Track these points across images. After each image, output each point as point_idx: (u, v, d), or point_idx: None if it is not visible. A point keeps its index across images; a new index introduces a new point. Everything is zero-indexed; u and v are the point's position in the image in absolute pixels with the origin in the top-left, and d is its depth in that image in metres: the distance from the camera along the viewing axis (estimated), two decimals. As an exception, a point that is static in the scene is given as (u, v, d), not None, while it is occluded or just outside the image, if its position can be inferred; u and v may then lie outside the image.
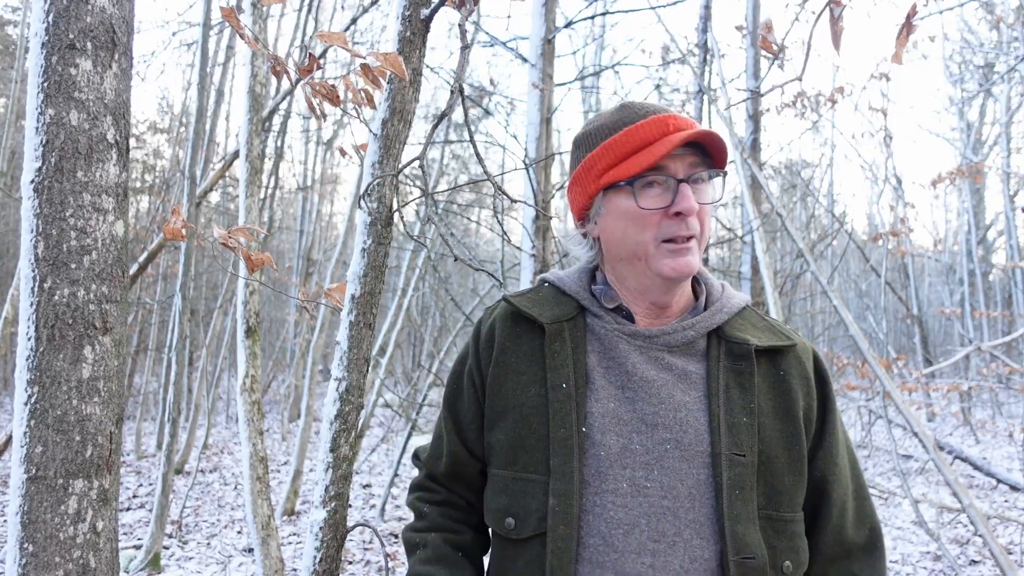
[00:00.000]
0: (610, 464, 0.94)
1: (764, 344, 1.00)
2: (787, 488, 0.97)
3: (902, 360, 6.08)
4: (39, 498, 0.81)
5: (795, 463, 0.98)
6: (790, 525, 0.96)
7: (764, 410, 0.98)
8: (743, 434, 0.95)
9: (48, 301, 0.83)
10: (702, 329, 1.01)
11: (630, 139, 0.99)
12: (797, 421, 0.99)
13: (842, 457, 1.04)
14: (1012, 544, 5.30)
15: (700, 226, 0.99)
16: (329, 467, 0.96)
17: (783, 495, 0.96)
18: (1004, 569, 2.48)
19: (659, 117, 0.99)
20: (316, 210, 11.51)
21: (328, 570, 0.95)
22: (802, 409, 1.00)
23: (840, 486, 1.02)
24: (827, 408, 1.04)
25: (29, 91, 0.85)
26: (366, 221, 1.00)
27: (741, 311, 1.06)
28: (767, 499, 0.95)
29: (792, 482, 0.97)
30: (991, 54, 11.81)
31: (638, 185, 0.98)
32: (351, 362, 1.00)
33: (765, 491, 0.95)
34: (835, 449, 1.03)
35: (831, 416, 1.04)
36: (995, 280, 16.42)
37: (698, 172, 0.98)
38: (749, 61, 4.61)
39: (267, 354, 13.31)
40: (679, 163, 0.97)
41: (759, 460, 0.95)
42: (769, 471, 0.96)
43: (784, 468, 0.97)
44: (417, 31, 0.99)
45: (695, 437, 0.95)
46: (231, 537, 5.74)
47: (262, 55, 2.80)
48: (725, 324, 1.03)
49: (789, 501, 0.97)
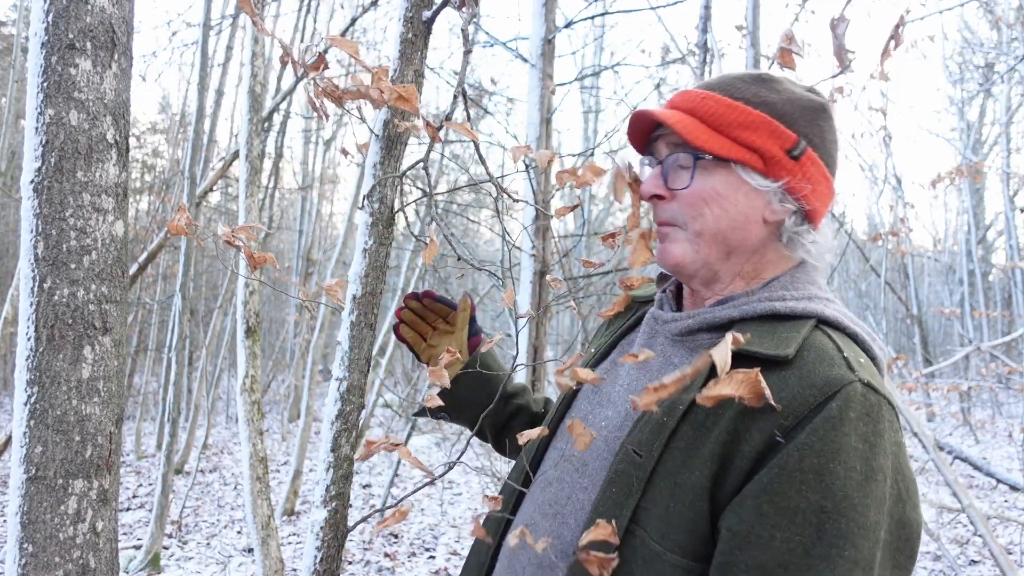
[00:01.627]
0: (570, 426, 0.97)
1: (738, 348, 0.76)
2: (668, 514, 0.77)
3: (902, 360, 6.08)
4: (39, 498, 0.81)
5: (687, 491, 0.77)
6: (657, 561, 0.76)
7: (695, 417, 0.79)
8: (652, 433, 0.81)
9: (48, 301, 0.83)
10: (702, 321, 0.89)
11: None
12: (713, 444, 0.76)
13: (771, 526, 0.70)
14: (1012, 544, 5.30)
15: (683, 212, 0.89)
16: (330, 467, 0.96)
17: (660, 520, 0.77)
18: (1004, 569, 2.48)
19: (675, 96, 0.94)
20: (316, 210, 11.50)
21: (329, 570, 0.95)
22: (731, 432, 0.76)
23: (741, 556, 0.72)
24: (782, 453, 0.72)
25: (29, 91, 0.85)
26: (367, 221, 1.00)
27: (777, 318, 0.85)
28: (647, 516, 0.79)
29: (675, 511, 0.77)
30: (991, 54, 11.81)
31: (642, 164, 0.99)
32: (352, 362, 1.00)
33: (647, 506, 0.79)
34: (756, 506, 0.72)
35: (778, 464, 0.72)
36: (995, 280, 16.42)
37: (673, 153, 0.90)
38: (749, 61, 4.60)
39: (267, 354, 13.31)
40: (662, 144, 0.93)
41: (655, 468, 0.79)
42: (659, 486, 0.79)
43: (673, 490, 0.78)
44: (419, 33, 0.99)
45: (622, 423, 0.89)
46: (231, 537, 5.74)
47: (262, 55, 2.80)
48: (736, 322, 0.87)
49: (664, 531, 0.77)
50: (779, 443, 0.73)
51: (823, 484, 0.70)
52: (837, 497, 0.70)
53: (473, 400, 1.16)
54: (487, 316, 11.29)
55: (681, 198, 0.89)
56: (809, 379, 0.76)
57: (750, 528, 0.72)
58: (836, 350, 0.79)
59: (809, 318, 0.84)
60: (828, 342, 0.81)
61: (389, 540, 5.65)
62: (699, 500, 0.76)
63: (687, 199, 0.89)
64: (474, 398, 1.16)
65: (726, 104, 0.88)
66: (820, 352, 0.79)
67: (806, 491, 0.70)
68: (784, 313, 0.84)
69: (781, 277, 0.91)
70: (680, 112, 0.89)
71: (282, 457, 9.24)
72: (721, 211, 0.88)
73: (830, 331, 0.84)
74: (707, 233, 0.88)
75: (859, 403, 0.73)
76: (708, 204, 0.88)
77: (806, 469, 0.71)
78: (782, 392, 0.75)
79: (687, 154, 0.89)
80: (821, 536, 0.69)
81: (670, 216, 0.91)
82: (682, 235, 0.90)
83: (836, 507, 0.69)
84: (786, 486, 0.71)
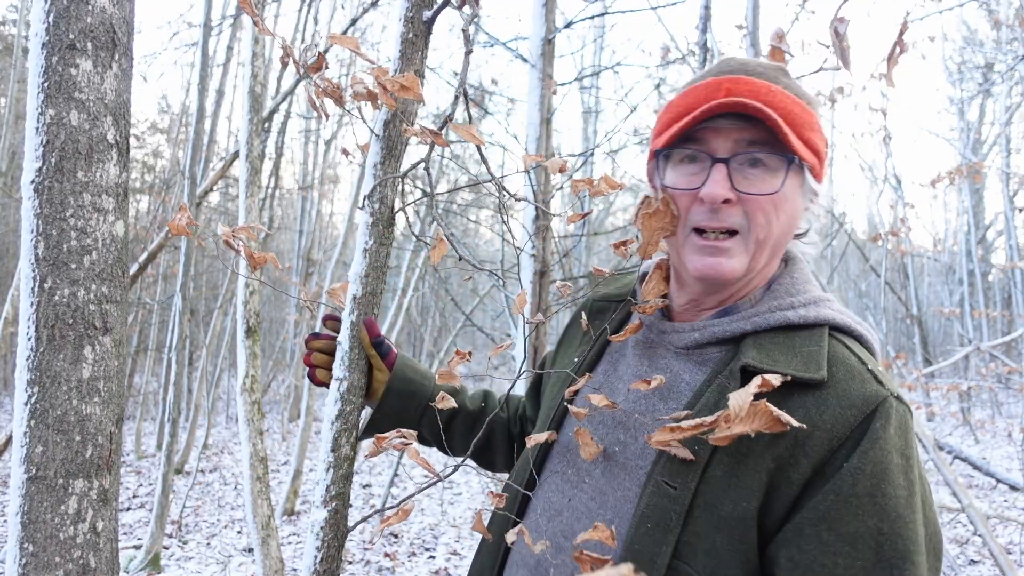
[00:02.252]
0: (572, 447, 0.91)
1: (762, 367, 0.77)
2: (716, 548, 0.74)
3: (902, 359, 6.08)
4: (39, 498, 0.81)
5: (737, 523, 0.74)
6: None
7: (730, 447, 0.75)
8: (684, 464, 0.76)
9: (48, 301, 0.83)
10: (711, 335, 0.85)
11: (682, 101, 0.84)
12: (759, 472, 0.74)
13: (832, 554, 0.70)
14: (1011, 544, 5.30)
15: (750, 221, 0.80)
16: (330, 467, 0.96)
17: (709, 555, 0.74)
18: (1003, 569, 2.48)
19: (715, 80, 0.82)
20: (316, 210, 11.50)
21: (329, 570, 0.95)
22: (777, 460, 0.74)
23: None
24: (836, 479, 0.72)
25: (29, 91, 0.85)
26: (368, 222, 0.99)
27: (791, 328, 0.82)
28: (691, 551, 0.74)
29: (725, 544, 0.74)
30: (991, 54, 11.82)
31: (675, 157, 0.85)
32: (352, 362, 1.00)
33: (690, 540, 0.75)
34: (816, 534, 0.71)
35: (833, 490, 0.71)
36: (994, 280, 16.42)
37: (751, 152, 0.80)
38: (749, 61, 4.59)
39: (267, 354, 13.30)
40: (723, 138, 0.81)
41: (694, 501, 0.75)
42: (702, 519, 0.75)
43: (720, 523, 0.74)
44: (419, 33, 0.99)
45: (642, 450, 0.82)
46: (231, 537, 5.74)
47: (262, 55, 2.80)
48: (749, 336, 0.83)
49: (715, 567, 0.74)
50: (829, 470, 0.73)
51: (877, 507, 0.71)
52: (891, 517, 0.70)
53: (404, 415, 1.10)
54: (487, 316, 11.28)
55: (750, 203, 0.80)
56: (847, 399, 0.75)
57: (813, 557, 0.71)
58: (860, 363, 0.79)
59: (821, 326, 0.83)
60: (850, 355, 0.80)
61: (389, 540, 5.65)
62: (749, 532, 0.74)
63: (759, 204, 0.80)
64: (404, 413, 1.10)
65: (792, 101, 0.81)
66: (847, 368, 0.78)
67: (863, 516, 0.70)
68: (797, 323, 0.82)
69: (782, 279, 0.88)
70: (762, 104, 0.79)
71: (282, 457, 9.25)
72: (787, 218, 0.83)
73: (844, 339, 0.83)
74: (769, 241, 0.82)
75: (896, 419, 0.74)
76: (779, 210, 0.81)
77: (860, 494, 0.71)
78: (824, 414, 0.74)
79: (779, 156, 0.80)
80: (880, 558, 0.70)
81: (735, 223, 0.81)
82: (741, 245, 0.81)
83: (892, 528, 0.70)
84: (844, 512, 0.71)
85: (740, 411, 0.57)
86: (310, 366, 1.08)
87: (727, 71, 0.84)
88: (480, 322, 8.85)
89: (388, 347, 1.06)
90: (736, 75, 0.82)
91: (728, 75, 0.82)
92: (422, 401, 1.11)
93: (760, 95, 0.79)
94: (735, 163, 0.81)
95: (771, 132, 0.79)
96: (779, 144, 0.80)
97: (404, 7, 0.99)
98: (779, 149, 0.80)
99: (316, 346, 1.08)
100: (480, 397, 1.20)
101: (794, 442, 0.74)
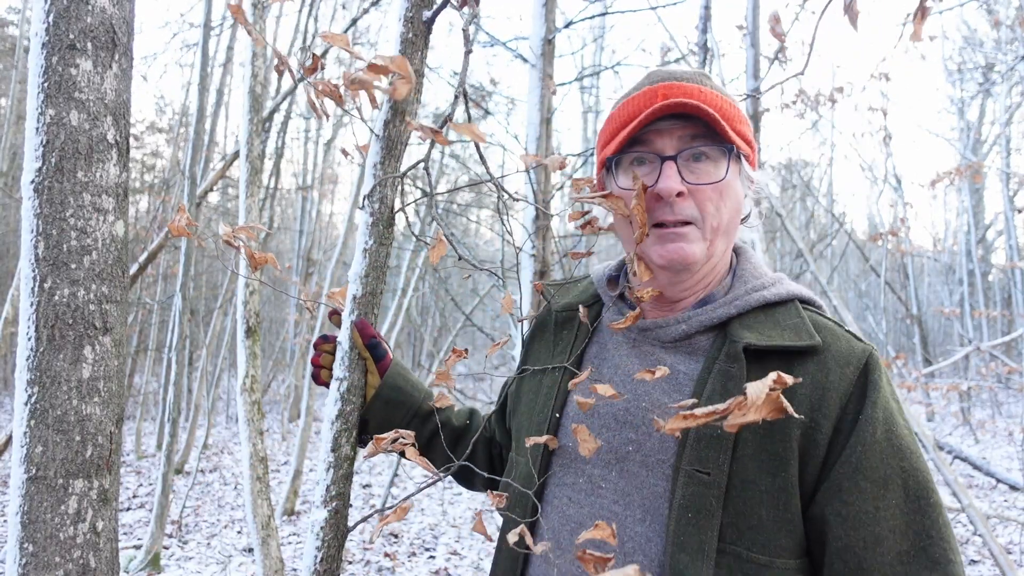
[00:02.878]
0: (575, 457, 0.91)
1: (762, 344, 0.82)
2: (763, 523, 0.77)
3: (902, 359, 6.08)
4: (39, 498, 0.81)
5: (778, 493, 0.78)
6: (764, 571, 0.77)
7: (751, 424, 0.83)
8: (711, 449, 0.79)
9: (48, 301, 0.83)
10: (698, 324, 0.89)
11: (622, 112, 0.91)
12: (788, 441, 0.78)
13: (872, 499, 0.76)
14: (1011, 544, 5.30)
15: (701, 211, 0.87)
16: (330, 467, 0.96)
17: (756, 531, 0.77)
18: (1003, 569, 2.48)
19: (650, 88, 0.89)
20: (316, 210, 11.50)
21: (329, 570, 0.95)
22: (801, 426, 0.79)
23: (857, 535, 0.76)
24: (856, 431, 0.78)
25: (29, 91, 0.85)
26: (368, 222, 0.99)
27: (768, 306, 0.89)
28: (736, 531, 0.78)
29: (771, 516, 0.77)
30: (991, 54, 11.81)
31: (625, 162, 0.91)
32: (352, 362, 1.00)
33: (734, 521, 0.78)
34: (855, 485, 0.77)
35: (859, 442, 0.78)
36: (994, 280, 16.42)
37: (696, 146, 0.87)
38: (749, 61, 4.60)
39: (267, 354, 13.30)
40: (667, 138, 0.88)
41: (730, 483, 0.78)
42: (742, 498, 0.78)
43: (762, 497, 0.78)
44: (419, 33, 0.99)
45: (659, 444, 0.84)
46: (231, 537, 5.74)
47: (262, 55, 2.80)
48: (734, 320, 0.88)
49: (764, 540, 0.77)
50: (845, 424, 0.79)
51: (894, 447, 0.78)
52: (906, 454, 0.78)
53: (388, 425, 1.07)
54: (487, 316, 11.28)
55: (699, 193, 0.87)
56: (843, 358, 0.83)
57: (858, 507, 0.76)
58: (837, 325, 0.88)
59: (791, 300, 0.91)
60: (826, 320, 0.89)
61: (389, 540, 5.65)
62: (792, 499, 0.78)
63: (707, 194, 0.87)
64: (389, 423, 1.08)
65: (721, 98, 0.89)
66: (831, 331, 0.86)
67: (887, 458, 0.78)
68: (773, 301, 0.90)
69: (743, 266, 0.96)
70: (698, 102, 0.86)
71: (282, 457, 9.25)
72: (734, 204, 0.90)
73: (810, 308, 0.92)
74: (721, 227, 0.89)
75: (881, 366, 0.83)
76: (725, 197, 0.88)
77: (880, 439, 0.78)
78: (829, 376, 0.81)
79: (719, 148, 0.88)
80: (908, 494, 0.77)
81: (688, 214, 0.87)
82: (698, 233, 0.88)
83: (910, 464, 0.78)
84: (872, 458, 0.77)
85: (757, 400, 0.59)
86: (317, 366, 1.09)
87: (658, 80, 0.91)
88: (480, 322, 8.85)
89: (384, 350, 1.05)
90: (667, 82, 0.90)
91: (660, 83, 0.90)
92: (409, 411, 1.09)
93: (694, 96, 0.87)
94: (681, 159, 0.88)
95: (708, 127, 0.87)
96: (717, 137, 0.87)
97: (404, 7, 0.99)
98: (718, 141, 0.88)
99: (327, 348, 1.09)
100: (466, 414, 1.20)
101: (812, 406, 0.80)
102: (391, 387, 1.06)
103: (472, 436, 1.10)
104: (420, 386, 1.13)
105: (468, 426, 1.17)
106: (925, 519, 0.76)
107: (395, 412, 1.07)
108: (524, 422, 1.02)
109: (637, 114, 0.88)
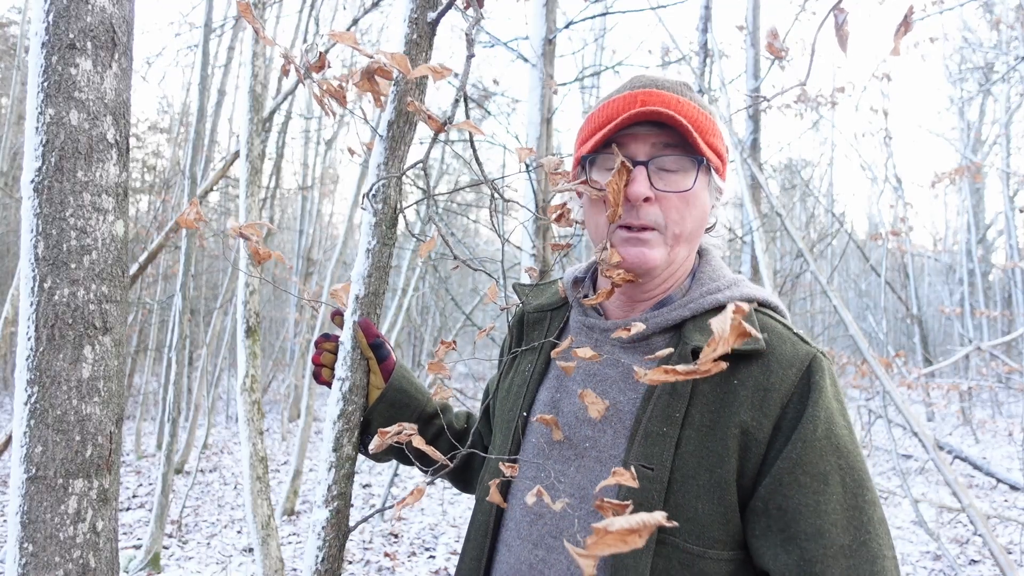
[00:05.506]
0: (538, 452, 0.95)
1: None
2: (698, 516, 0.82)
3: (902, 358, 6.08)
4: (39, 498, 0.81)
5: (715, 488, 0.82)
6: (698, 561, 0.81)
7: (694, 422, 0.84)
8: (656, 446, 0.84)
9: (48, 301, 0.82)
10: (654, 325, 0.92)
11: (601, 113, 0.94)
12: (727, 439, 0.83)
13: (812, 493, 0.80)
14: (1012, 544, 5.30)
15: (666, 218, 0.90)
16: (332, 466, 0.96)
17: (692, 523, 0.82)
18: (1004, 569, 2.48)
19: (630, 93, 0.92)
20: (316, 210, 11.50)
21: (330, 570, 0.95)
22: (740, 425, 0.83)
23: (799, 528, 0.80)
24: (798, 429, 0.82)
25: (29, 91, 0.85)
26: (371, 222, 0.99)
27: (721, 308, 0.90)
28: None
29: (706, 510, 0.82)
30: (991, 54, 11.81)
31: (600, 163, 0.94)
32: (354, 362, 1.00)
33: (673, 514, 0.82)
34: (795, 480, 0.81)
35: (799, 439, 0.82)
36: (995, 280, 16.42)
37: (667, 155, 0.90)
38: (749, 62, 4.61)
39: (267, 354, 13.30)
40: (641, 143, 0.90)
41: (672, 477, 0.83)
42: (681, 492, 0.83)
43: (699, 492, 0.82)
44: (423, 34, 0.99)
45: (612, 440, 0.88)
46: (231, 537, 5.74)
47: (262, 55, 2.80)
48: (688, 321, 0.92)
49: (699, 532, 0.82)
50: (786, 423, 0.83)
51: (833, 445, 0.82)
52: (844, 452, 0.82)
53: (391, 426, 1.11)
54: (487, 316, 11.27)
55: (666, 200, 0.90)
56: (786, 360, 0.86)
57: (798, 500, 0.80)
58: (785, 328, 0.91)
59: (747, 303, 0.92)
60: (775, 323, 0.92)
61: (389, 540, 5.65)
62: (728, 494, 0.83)
63: (673, 202, 0.90)
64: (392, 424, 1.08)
65: (697, 111, 0.92)
66: (778, 334, 0.89)
67: (826, 455, 0.81)
68: (727, 303, 0.91)
69: (703, 269, 0.98)
70: (673, 112, 0.89)
71: (282, 457, 9.25)
72: (699, 213, 0.93)
73: (765, 310, 0.95)
74: (684, 235, 0.92)
75: (827, 370, 0.86)
76: (691, 206, 0.91)
77: (820, 437, 0.82)
78: (771, 377, 0.85)
79: (690, 158, 0.90)
80: (846, 488, 0.81)
81: (653, 220, 0.90)
82: (660, 238, 0.91)
83: (847, 461, 0.82)
84: (812, 456, 0.81)
85: (724, 332, 0.60)
86: (318, 365, 1.10)
87: (640, 86, 0.94)
88: (480, 322, 8.85)
89: (387, 351, 1.07)
90: (648, 89, 0.92)
91: (642, 89, 0.92)
92: (413, 415, 1.10)
93: (671, 105, 0.90)
94: (653, 166, 0.90)
95: (682, 137, 0.90)
96: (689, 147, 0.90)
97: (409, 8, 0.99)
98: (689, 152, 0.90)
99: (328, 347, 1.10)
100: (464, 418, 1.22)
101: (752, 406, 0.84)
102: (397, 390, 1.08)
103: (471, 438, 1.11)
104: (423, 389, 1.15)
105: (467, 429, 1.21)
106: (863, 515, 0.80)
107: (399, 415, 1.08)
108: (497, 420, 1.07)
109: (614, 117, 0.91)
